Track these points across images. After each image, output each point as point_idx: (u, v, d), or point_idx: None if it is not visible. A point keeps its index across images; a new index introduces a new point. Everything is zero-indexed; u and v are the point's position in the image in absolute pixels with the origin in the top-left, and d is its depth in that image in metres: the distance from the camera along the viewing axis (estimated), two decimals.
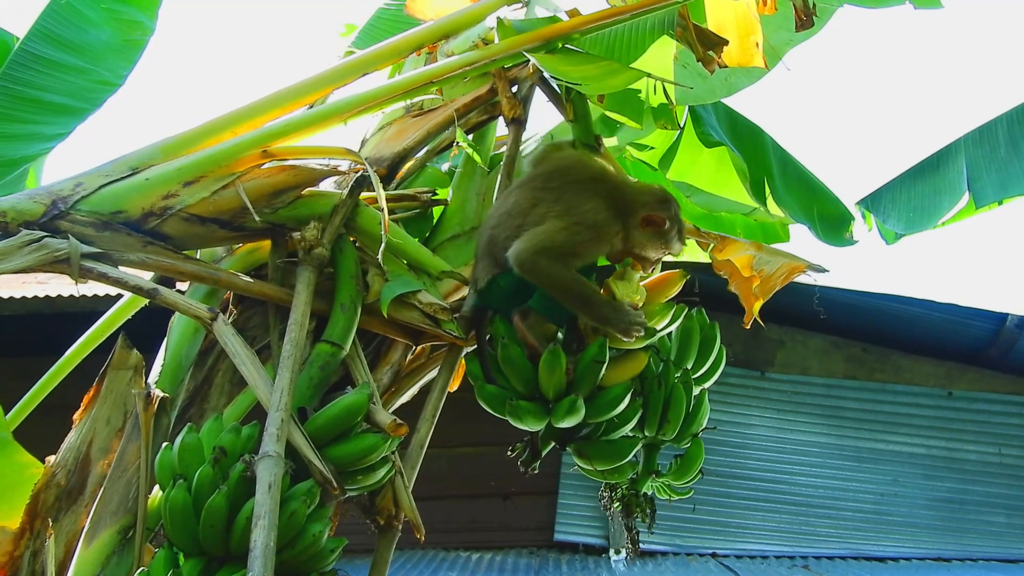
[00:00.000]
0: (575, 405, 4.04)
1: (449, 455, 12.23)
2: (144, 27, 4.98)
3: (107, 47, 4.93)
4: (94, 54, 4.97)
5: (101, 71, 4.85)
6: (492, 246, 4.21)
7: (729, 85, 5.44)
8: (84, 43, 4.95)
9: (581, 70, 4.43)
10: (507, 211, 4.26)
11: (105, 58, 4.92)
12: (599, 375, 4.10)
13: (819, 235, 6.41)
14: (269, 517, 3.23)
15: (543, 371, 4.03)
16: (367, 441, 3.66)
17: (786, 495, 12.71)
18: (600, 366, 4.07)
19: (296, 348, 3.75)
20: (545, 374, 4.04)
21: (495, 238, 4.21)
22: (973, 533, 12.72)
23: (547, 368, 4.02)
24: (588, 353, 4.07)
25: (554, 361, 4.00)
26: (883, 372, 13.25)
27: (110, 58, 4.90)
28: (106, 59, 4.91)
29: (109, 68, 4.86)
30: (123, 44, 4.94)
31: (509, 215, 4.22)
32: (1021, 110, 7.02)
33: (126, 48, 4.91)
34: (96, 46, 4.97)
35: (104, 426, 4.18)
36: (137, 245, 3.99)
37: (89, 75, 4.89)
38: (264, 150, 4.24)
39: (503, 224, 4.21)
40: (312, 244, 4.07)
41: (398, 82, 4.58)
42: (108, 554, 3.81)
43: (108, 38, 4.99)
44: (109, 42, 4.97)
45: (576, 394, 4.04)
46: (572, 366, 4.06)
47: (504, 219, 4.23)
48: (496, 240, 4.20)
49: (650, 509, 4.74)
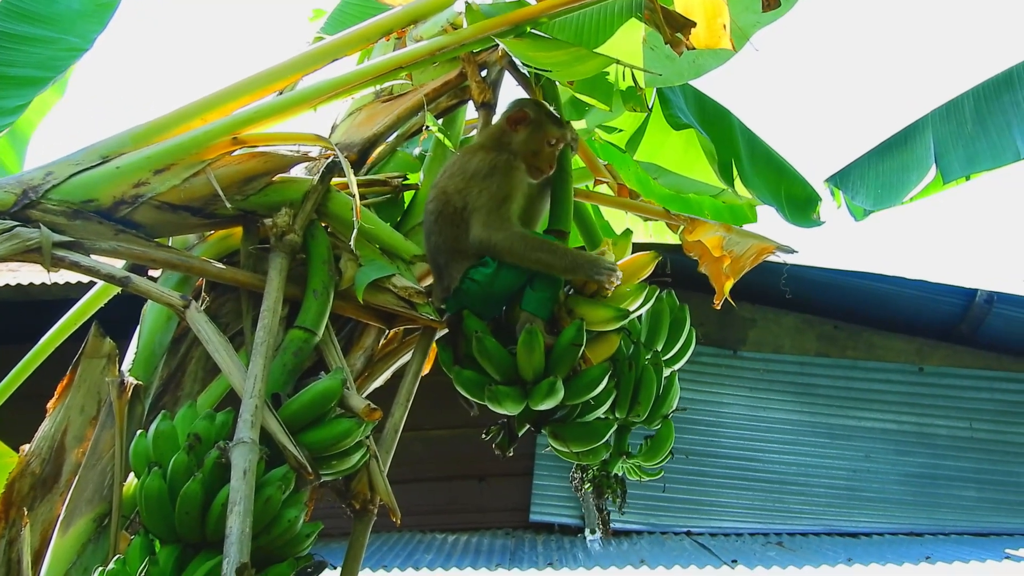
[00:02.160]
0: (554, 387, 4.05)
1: (424, 438, 12.22)
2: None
3: (78, 14, 4.89)
4: (65, 24, 4.92)
5: (70, 38, 4.80)
6: (453, 245, 4.27)
7: (697, 67, 5.43)
8: (55, 14, 4.90)
9: (550, 56, 4.45)
10: (435, 217, 4.33)
11: (75, 25, 4.87)
12: (577, 357, 4.12)
13: (786, 216, 6.42)
14: (244, 503, 3.24)
15: (522, 352, 4.05)
16: (341, 426, 3.68)
17: (759, 473, 12.78)
18: (578, 349, 4.10)
19: (269, 334, 3.75)
20: (524, 355, 4.05)
21: (450, 239, 4.27)
22: (945, 508, 12.81)
23: (526, 348, 4.03)
24: (565, 336, 4.09)
25: (532, 341, 4.02)
26: (855, 349, 13.32)
27: (80, 24, 4.86)
28: (76, 26, 4.86)
29: (79, 34, 4.80)
30: (95, 8, 4.89)
31: (439, 214, 4.31)
32: (988, 85, 7.04)
33: (98, 11, 4.87)
34: (67, 15, 4.92)
35: (78, 414, 4.19)
36: (109, 233, 3.99)
37: (57, 44, 4.83)
38: (234, 137, 4.24)
39: (444, 225, 4.29)
40: (284, 230, 4.07)
41: (368, 67, 4.58)
42: (84, 542, 3.83)
43: (79, 5, 4.95)
44: (80, 9, 4.93)
45: (555, 376, 4.06)
46: (550, 344, 4.09)
47: (438, 222, 4.31)
48: (451, 240, 4.27)
49: (621, 490, 4.76)
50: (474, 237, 4.13)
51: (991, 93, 6.98)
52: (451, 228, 4.25)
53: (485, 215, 4.14)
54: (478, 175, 4.26)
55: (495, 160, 4.30)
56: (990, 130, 6.70)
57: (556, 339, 4.12)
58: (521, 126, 4.42)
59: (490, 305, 4.23)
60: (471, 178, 4.26)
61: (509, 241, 4.07)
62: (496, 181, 4.22)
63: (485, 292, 4.16)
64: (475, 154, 4.39)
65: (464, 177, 4.28)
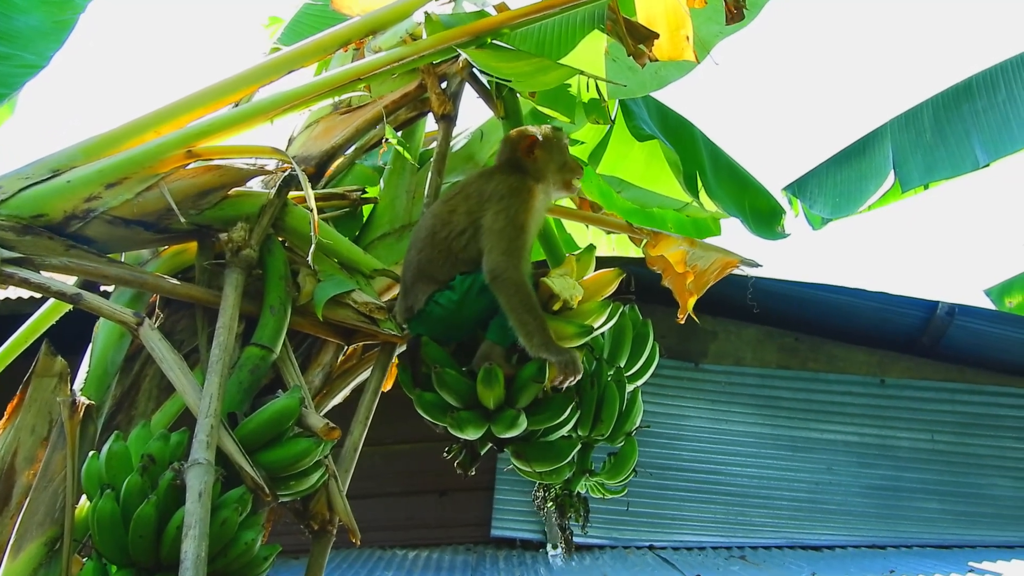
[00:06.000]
0: (516, 421, 4.01)
1: (384, 452, 12.12)
2: (75, 5, 4.85)
3: (36, 31, 4.81)
4: (22, 40, 4.84)
5: (26, 55, 4.73)
6: (425, 267, 4.18)
7: (659, 78, 5.42)
8: (12, 30, 4.82)
9: (512, 66, 4.42)
10: (426, 234, 4.24)
11: (33, 42, 4.79)
12: (536, 393, 4.04)
13: (751, 228, 6.42)
14: (200, 526, 3.18)
15: (481, 388, 3.98)
16: (299, 446, 3.63)
17: (722, 486, 12.74)
18: (538, 386, 4.01)
19: (225, 352, 3.70)
20: (484, 390, 3.98)
21: (425, 260, 4.18)
22: (907, 520, 12.81)
23: (485, 385, 3.96)
24: (525, 372, 4.01)
25: (491, 379, 3.95)
26: (816, 361, 13.31)
27: (38, 41, 4.78)
28: (34, 43, 4.78)
29: (35, 51, 4.73)
30: (53, 26, 4.81)
31: (432, 234, 4.21)
32: (947, 95, 7.11)
33: (55, 29, 4.79)
34: (24, 32, 4.84)
35: (29, 435, 4.10)
36: (59, 249, 3.92)
37: (12, 61, 4.76)
38: (188, 150, 4.18)
39: (428, 245, 4.20)
40: (240, 245, 4.02)
41: (325, 79, 4.53)
42: (35, 566, 3.74)
43: (37, 23, 4.86)
44: (38, 27, 4.84)
45: (516, 409, 4.00)
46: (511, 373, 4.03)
47: (428, 241, 4.21)
48: (426, 261, 4.18)
49: (583, 509, 4.70)
50: (490, 262, 4.01)
51: (950, 102, 7.06)
52: (434, 251, 4.17)
53: (507, 243, 4.04)
54: (495, 196, 4.17)
55: (516, 183, 4.23)
56: (949, 139, 6.78)
57: (517, 371, 4.05)
58: (536, 149, 4.35)
59: (453, 330, 4.15)
60: (487, 200, 4.18)
61: (515, 288, 3.96)
62: (516, 204, 4.14)
63: (449, 317, 4.09)
64: (492, 177, 4.31)
65: (480, 200, 4.19)
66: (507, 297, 3.95)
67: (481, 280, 4.00)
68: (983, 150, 6.63)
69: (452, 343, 4.19)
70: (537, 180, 4.31)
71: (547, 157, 4.36)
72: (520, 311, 3.94)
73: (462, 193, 4.30)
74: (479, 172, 4.54)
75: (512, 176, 4.27)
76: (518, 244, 4.06)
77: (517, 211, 4.13)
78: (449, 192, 4.43)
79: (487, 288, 3.98)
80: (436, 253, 4.16)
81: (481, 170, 4.61)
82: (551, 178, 4.36)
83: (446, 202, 4.32)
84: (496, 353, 4.04)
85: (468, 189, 4.30)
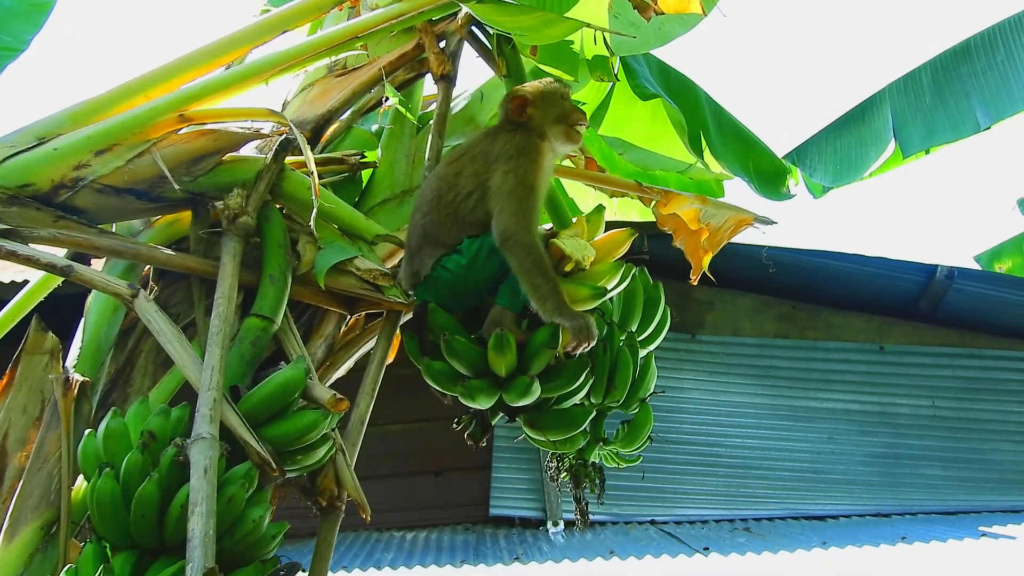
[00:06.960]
0: (530, 388, 3.89)
1: (379, 432, 12.02)
2: None
3: (11, 13, 4.67)
4: None
5: (3, 38, 4.59)
6: (430, 231, 4.07)
7: (663, 34, 5.28)
8: None
9: (516, 20, 4.29)
10: (432, 197, 4.15)
11: (8, 24, 4.66)
12: (549, 359, 3.92)
13: (756, 189, 6.32)
14: (207, 503, 3.07)
15: (493, 355, 3.86)
16: (306, 419, 3.51)
17: (722, 458, 12.70)
18: (551, 353, 3.89)
19: (224, 323, 3.58)
20: (496, 357, 3.86)
21: (431, 224, 4.08)
22: (911, 487, 12.80)
23: (497, 352, 3.84)
24: (538, 338, 3.89)
25: (503, 345, 3.83)
26: (814, 330, 13.27)
27: (14, 24, 4.65)
28: (9, 25, 4.65)
29: (12, 34, 4.60)
30: (29, 8, 4.68)
31: (437, 197, 4.12)
32: (946, 57, 7.01)
33: (32, 12, 4.66)
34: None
35: (20, 415, 4.01)
36: (48, 220, 3.80)
37: None
38: (181, 114, 4.06)
39: (434, 208, 4.10)
40: (236, 213, 3.90)
41: (321, 38, 4.42)
42: (31, 552, 3.64)
43: (11, 3, 4.73)
44: (13, 8, 4.71)
45: (530, 375, 3.87)
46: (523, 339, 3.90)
47: (433, 204, 4.11)
48: (431, 225, 4.07)
49: (599, 479, 4.60)
50: (500, 224, 3.90)
51: (949, 64, 6.97)
52: (440, 215, 4.07)
53: (517, 204, 3.94)
54: (503, 156, 4.07)
55: (523, 142, 4.13)
56: (948, 102, 6.71)
57: (529, 336, 3.93)
58: (529, 107, 4.24)
59: (461, 296, 4.03)
60: (495, 160, 4.08)
61: (527, 251, 3.85)
62: (525, 164, 4.04)
63: (458, 282, 3.97)
64: (497, 137, 4.19)
65: (487, 161, 4.09)
66: (519, 260, 3.83)
67: (490, 243, 3.90)
68: (984, 112, 6.54)
69: (460, 310, 4.06)
70: (542, 138, 4.20)
71: (542, 113, 4.25)
72: (532, 274, 3.82)
73: (468, 154, 4.19)
74: (483, 132, 4.43)
75: (518, 135, 4.16)
76: (528, 205, 3.95)
77: (526, 171, 4.02)
78: (453, 154, 4.31)
79: (496, 251, 3.87)
80: (442, 217, 4.05)
81: (485, 130, 4.47)
82: (552, 132, 4.25)
83: (451, 164, 4.21)
84: (507, 318, 3.92)
85: (474, 150, 4.19)
